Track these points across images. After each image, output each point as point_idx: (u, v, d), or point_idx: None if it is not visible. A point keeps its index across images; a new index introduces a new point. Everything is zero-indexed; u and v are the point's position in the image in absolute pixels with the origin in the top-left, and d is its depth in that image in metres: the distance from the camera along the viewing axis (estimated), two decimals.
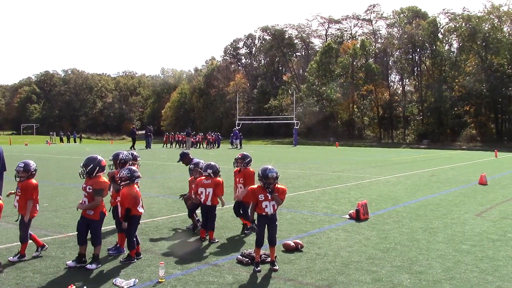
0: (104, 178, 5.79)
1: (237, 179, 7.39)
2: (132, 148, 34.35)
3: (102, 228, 5.87)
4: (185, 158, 7.95)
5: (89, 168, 5.60)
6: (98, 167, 5.61)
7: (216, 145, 43.45)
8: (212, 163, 6.97)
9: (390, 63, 63.86)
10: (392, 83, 65.51)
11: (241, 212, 7.29)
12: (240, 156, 7.41)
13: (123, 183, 5.80)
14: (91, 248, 5.63)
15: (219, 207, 7.02)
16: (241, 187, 7.28)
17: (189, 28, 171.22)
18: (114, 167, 6.49)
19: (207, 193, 6.75)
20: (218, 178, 6.88)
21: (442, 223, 8.21)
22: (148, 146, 37.24)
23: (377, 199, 10.93)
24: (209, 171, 6.82)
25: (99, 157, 5.72)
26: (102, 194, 5.56)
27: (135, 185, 5.85)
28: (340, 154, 32.82)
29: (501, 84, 48.34)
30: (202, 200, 6.80)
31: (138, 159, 7.29)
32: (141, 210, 5.85)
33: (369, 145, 51.60)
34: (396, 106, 60.59)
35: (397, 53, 62.47)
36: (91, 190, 5.53)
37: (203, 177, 6.89)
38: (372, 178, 15.74)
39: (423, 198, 11.18)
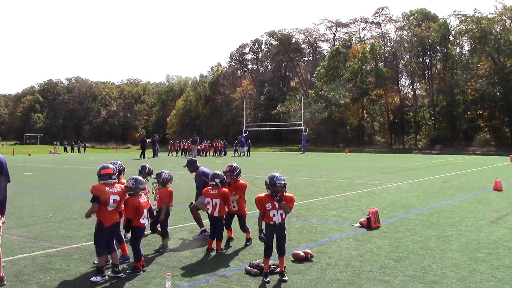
0: (107, 186, 5.62)
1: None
2: (142, 157, 34.58)
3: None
4: (191, 165, 7.86)
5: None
6: (98, 175, 5.60)
7: (223, 153, 43.28)
8: (218, 172, 6.85)
9: (400, 67, 63.33)
10: (402, 87, 65.08)
11: (239, 223, 7.12)
12: (228, 169, 7.06)
13: (128, 193, 5.75)
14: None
15: None
16: (232, 201, 6.99)
17: (194, 34, 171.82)
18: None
19: (214, 204, 6.60)
20: (225, 189, 6.74)
21: (456, 230, 8.02)
22: (155, 154, 37.26)
23: (388, 206, 10.74)
24: (217, 180, 6.67)
25: (104, 165, 5.69)
26: (96, 200, 5.40)
27: (140, 197, 5.77)
28: (349, 160, 32.58)
29: None
30: (209, 211, 6.66)
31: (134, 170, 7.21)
32: (143, 221, 5.77)
33: (380, 151, 51.13)
34: (407, 110, 59.87)
35: (407, 56, 61.90)
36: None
37: (209, 187, 6.75)
38: (383, 185, 15.53)
39: (436, 205, 10.97)
